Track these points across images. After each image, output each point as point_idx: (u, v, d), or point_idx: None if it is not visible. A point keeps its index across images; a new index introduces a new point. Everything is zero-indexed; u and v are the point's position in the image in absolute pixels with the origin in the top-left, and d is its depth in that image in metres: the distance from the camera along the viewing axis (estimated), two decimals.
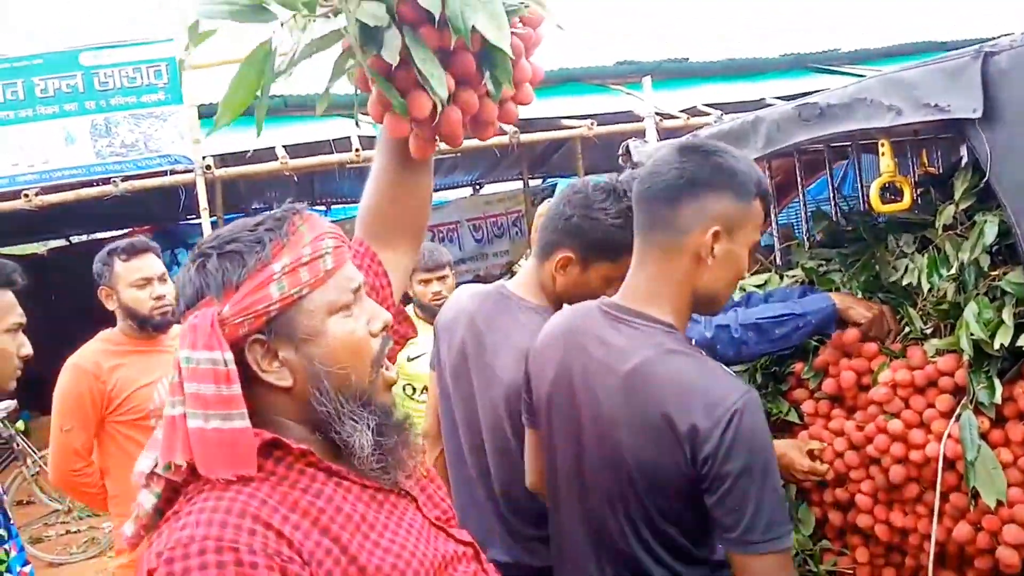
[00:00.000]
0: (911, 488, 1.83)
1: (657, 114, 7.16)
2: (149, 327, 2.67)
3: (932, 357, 1.83)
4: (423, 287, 3.26)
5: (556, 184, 12.82)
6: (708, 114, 7.46)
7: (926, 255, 1.97)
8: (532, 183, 11.63)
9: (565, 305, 1.78)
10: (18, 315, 1.81)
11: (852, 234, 2.34)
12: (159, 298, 2.65)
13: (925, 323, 1.92)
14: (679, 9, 10.60)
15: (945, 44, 8.96)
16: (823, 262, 2.32)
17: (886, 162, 1.89)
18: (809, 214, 2.52)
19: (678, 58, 8.57)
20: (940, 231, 1.93)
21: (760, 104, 7.66)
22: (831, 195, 2.55)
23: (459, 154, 8.50)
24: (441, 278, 3.29)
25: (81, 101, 6.39)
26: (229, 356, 0.97)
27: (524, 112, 1.22)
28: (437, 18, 1.07)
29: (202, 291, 1.02)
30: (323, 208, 12.19)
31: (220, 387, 0.96)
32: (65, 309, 7.28)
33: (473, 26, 1.07)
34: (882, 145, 1.87)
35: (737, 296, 2.23)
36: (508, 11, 1.12)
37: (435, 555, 1.10)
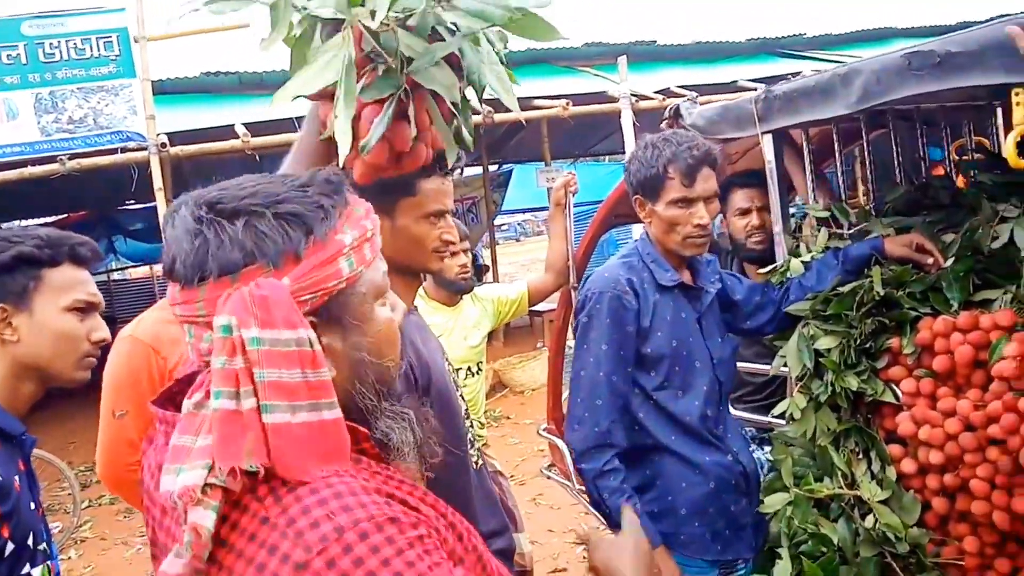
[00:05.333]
0: None
1: (632, 95, 7.01)
2: None
3: None
4: (451, 259, 2.98)
5: (512, 170, 12.62)
6: (683, 96, 7.35)
7: None
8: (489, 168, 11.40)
9: None
10: (85, 293, 1.57)
11: (931, 201, 2.20)
12: None
13: None
14: None
15: (905, 31, 9.08)
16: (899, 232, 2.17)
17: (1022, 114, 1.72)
18: (876, 183, 2.37)
19: (646, 40, 8.46)
20: None
21: (733, 87, 7.57)
22: (896, 161, 2.41)
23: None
24: (466, 250, 3.05)
25: (24, 73, 5.91)
26: (312, 335, 0.83)
27: (492, 93, 1.26)
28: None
29: (252, 256, 0.83)
30: None
31: (307, 372, 0.82)
32: None
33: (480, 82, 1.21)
34: (1016, 95, 1.71)
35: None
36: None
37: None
